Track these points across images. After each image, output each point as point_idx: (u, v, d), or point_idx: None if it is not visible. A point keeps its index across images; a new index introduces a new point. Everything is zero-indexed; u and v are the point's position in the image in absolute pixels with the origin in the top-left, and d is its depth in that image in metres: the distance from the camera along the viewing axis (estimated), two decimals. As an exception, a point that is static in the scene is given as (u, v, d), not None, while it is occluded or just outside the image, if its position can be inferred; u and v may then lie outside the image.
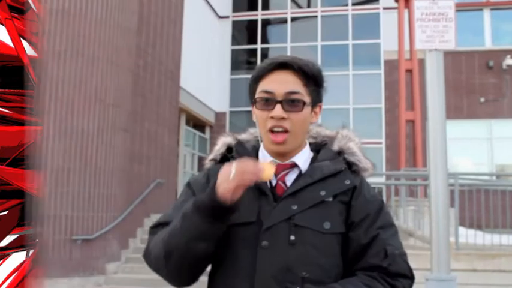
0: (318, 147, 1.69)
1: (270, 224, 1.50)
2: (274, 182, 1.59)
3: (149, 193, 11.99)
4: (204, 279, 1.63)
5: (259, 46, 19.07)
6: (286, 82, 1.56)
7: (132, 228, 11.02)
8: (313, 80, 1.60)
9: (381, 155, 17.24)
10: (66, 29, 9.45)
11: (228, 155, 1.67)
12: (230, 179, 1.43)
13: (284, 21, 19.19)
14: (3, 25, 1.43)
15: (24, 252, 1.47)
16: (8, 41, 1.45)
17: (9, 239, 1.45)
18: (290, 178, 1.60)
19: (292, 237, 1.49)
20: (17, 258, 1.46)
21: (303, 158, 1.62)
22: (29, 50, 1.47)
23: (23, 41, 1.47)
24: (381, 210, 1.59)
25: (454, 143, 15.52)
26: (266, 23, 19.50)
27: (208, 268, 1.65)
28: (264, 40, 19.36)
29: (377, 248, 1.53)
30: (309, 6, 19.52)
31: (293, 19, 19.15)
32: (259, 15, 19.26)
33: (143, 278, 9.54)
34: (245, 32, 19.88)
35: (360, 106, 17.76)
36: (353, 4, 18.61)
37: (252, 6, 19.42)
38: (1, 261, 1.44)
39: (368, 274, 1.51)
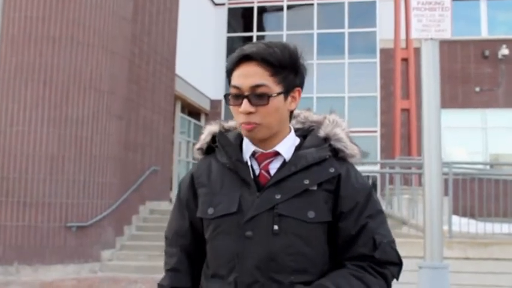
0: (305, 133, 1.65)
1: (254, 214, 1.50)
2: (257, 171, 1.58)
3: (144, 180, 12.00)
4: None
5: (255, 34, 19.00)
6: (252, 75, 1.51)
7: (127, 215, 11.05)
8: (282, 67, 1.53)
9: (375, 143, 17.28)
10: (61, 16, 9.39)
11: (212, 145, 1.67)
12: None
13: (280, 9, 19.12)
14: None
15: None
16: None
17: None
18: (274, 166, 1.57)
19: (276, 227, 1.48)
20: None
21: (286, 146, 1.59)
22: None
23: None
24: (370, 198, 1.58)
25: (448, 132, 15.57)
26: (262, 10, 19.42)
27: None
28: (260, 28, 19.29)
29: (366, 238, 1.52)
30: (305, -6, 19.47)
31: (289, 7, 19.08)
32: (255, 2, 19.18)
33: (138, 265, 9.60)
34: (241, 19, 19.79)
35: (355, 94, 17.77)
36: (349, -8, 18.56)
37: (248, -6, 19.34)
38: None
39: (357, 264, 1.52)
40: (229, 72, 1.57)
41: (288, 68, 1.54)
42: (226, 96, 1.56)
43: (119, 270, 9.50)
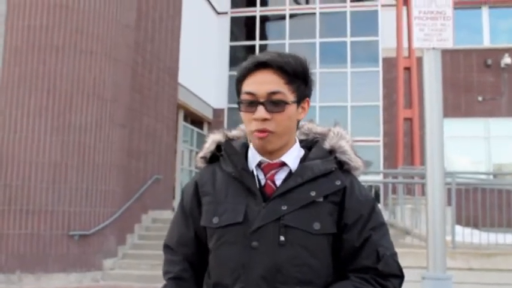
0: (310, 145, 1.66)
1: (260, 225, 1.50)
2: (263, 182, 1.58)
3: (147, 189, 11.99)
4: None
5: (257, 42, 19.05)
6: (268, 82, 1.53)
7: (129, 224, 11.03)
8: (296, 76, 1.56)
9: (378, 153, 17.25)
10: (65, 24, 9.44)
11: (217, 154, 1.66)
12: None
13: (282, 17, 19.17)
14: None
15: None
16: None
17: None
18: (280, 177, 1.58)
19: (282, 238, 1.49)
20: None
21: (292, 157, 1.60)
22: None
23: None
24: (373, 210, 1.59)
25: (451, 141, 15.55)
26: (264, 19, 19.48)
27: None
28: (263, 36, 19.34)
29: (369, 250, 1.54)
30: (307, 2, 19.53)
31: (291, 16, 19.14)
32: (257, 11, 19.24)
33: (140, 274, 9.57)
34: (243, 28, 19.85)
35: (358, 104, 17.76)
36: (351, 1, 18.60)
37: (251, 2, 19.39)
38: None
39: (360, 276, 1.53)
40: (240, 80, 1.58)
41: (300, 78, 1.57)
42: (239, 103, 1.56)
43: (121, 279, 9.47)
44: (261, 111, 1.51)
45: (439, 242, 4.25)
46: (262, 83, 1.53)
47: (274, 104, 1.52)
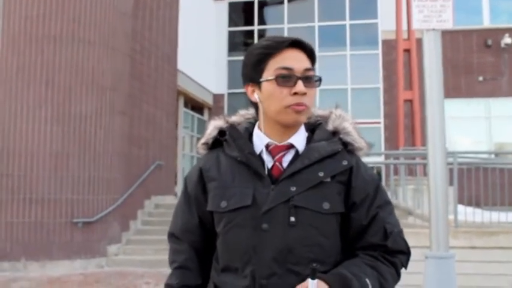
0: (312, 127, 1.68)
1: (270, 206, 1.51)
2: (270, 164, 1.59)
3: (149, 175, 12.03)
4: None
5: (256, 27, 18.95)
6: (302, 60, 1.57)
7: (132, 210, 11.08)
8: (314, 60, 1.62)
9: (379, 134, 17.25)
10: (61, 14, 9.39)
11: (220, 139, 1.67)
12: None
13: (281, 2, 19.04)
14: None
15: None
16: None
17: None
18: (287, 159, 1.59)
19: (292, 219, 1.50)
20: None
21: (300, 139, 1.62)
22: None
23: None
24: (379, 189, 1.62)
25: (452, 121, 15.54)
26: (263, 4, 19.35)
27: None
28: (261, 21, 19.23)
29: (376, 227, 1.57)
30: (306, -14, 19.38)
31: (290, 0, 19.02)
32: (255, -4, 19.12)
33: (144, 259, 9.63)
34: (242, 13, 19.72)
35: (358, 86, 17.72)
36: (350, -17, 18.46)
37: (249, -13, 19.26)
38: None
39: (369, 253, 1.56)
40: (267, 56, 1.58)
41: (315, 63, 1.63)
42: (277, 77, 1.56)
43: (125, 264, 9.54)
44: (301, 85, 1.54)
45: (441, 222, 4.28)
46: (298, 59, 1.57)
47: (309, 79, 1.56)
